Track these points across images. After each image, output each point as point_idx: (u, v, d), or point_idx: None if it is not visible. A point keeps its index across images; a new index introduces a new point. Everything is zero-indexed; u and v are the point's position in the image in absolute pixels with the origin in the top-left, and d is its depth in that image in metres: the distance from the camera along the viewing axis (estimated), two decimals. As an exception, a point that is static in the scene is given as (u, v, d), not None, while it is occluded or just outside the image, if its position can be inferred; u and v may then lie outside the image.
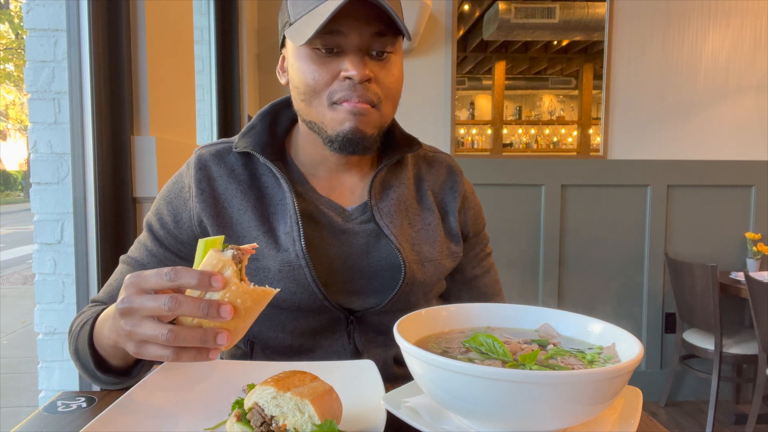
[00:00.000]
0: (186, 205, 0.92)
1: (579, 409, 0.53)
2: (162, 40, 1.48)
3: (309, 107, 0.87)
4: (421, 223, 0.97)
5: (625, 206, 3.24)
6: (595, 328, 0.68)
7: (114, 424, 0.64)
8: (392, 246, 0.91)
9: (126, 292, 0.63)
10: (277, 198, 0.92)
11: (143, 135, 1.39)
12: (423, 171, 1.03)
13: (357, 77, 0.82)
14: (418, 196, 1.00)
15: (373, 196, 0.94)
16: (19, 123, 16.36)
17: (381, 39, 0.84)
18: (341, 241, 0.92)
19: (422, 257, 0.94)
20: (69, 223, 1.32)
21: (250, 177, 0.93)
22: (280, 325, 0.93)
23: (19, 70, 10.81)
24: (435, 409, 0.63)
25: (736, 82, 3.23)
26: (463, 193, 1.03)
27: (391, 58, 0.87)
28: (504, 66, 3.26)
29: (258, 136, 0.94)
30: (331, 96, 0.85)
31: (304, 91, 0.86)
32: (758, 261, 3.13)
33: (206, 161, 0.93)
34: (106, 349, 0.76)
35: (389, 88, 0.88)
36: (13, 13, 8.84)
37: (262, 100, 3.14)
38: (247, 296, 0.61)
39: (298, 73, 0.87)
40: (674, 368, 3.12)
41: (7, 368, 3.91)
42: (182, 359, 0.62)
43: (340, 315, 0.92)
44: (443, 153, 1.08)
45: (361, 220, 0.94)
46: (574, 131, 3.32)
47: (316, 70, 0.85)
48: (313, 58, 0.85)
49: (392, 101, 0.90)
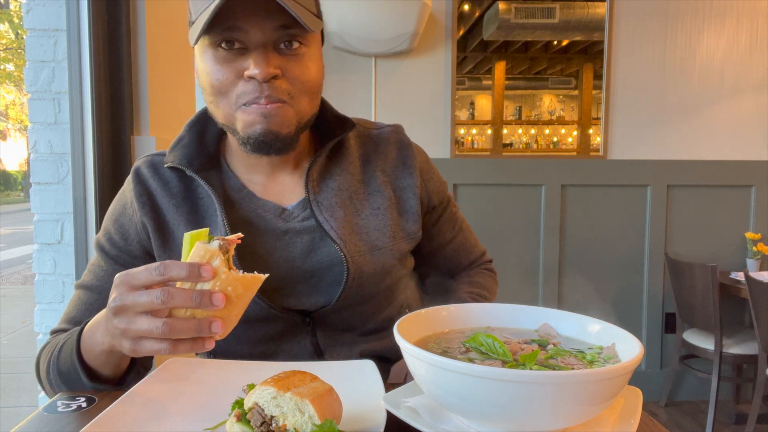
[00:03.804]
0: (131, 220, 0.91)
1: (579, 409, 0.53)
2: (162, 40, 1.48)
3: (217, 108, 0.84)
4: (369, 208, 0.93)
5: (625, 206, 3.24)
6: (595, 328, 0.68)
7: (114, 424, 0.64)
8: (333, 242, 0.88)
9: (117, 291, 0.63)
10: (210, 210, 0.90)
11: (143, 135, 1.39)
12: (369, 151, 0.98)
13: (260, 76, 0.78)
14: (365, 179, 0.95)
15: (311, 189, 0.90)
16: (19, 123, 16.36)
17: (287, 32, 0.79)
18: (284, 243, 0.90)
19: (370, 246, 0.91)
20: (69, 223, 1.32)
21: (184, 189, 0.91)
22: (234, 338, 0.90)
23: (19, 70, 10.81)
24: (435, 409, 0.63)
25: (735, 82, 3.23)
26: (418, 167, 0.98)
27: (303, 51, 0.82)
28: (504, 66, 3.26)
29: (185, 148, 0.91)
30: (239, 99, 0.81)
31: (210, 93, 0.83)
32: (758, 261, 3.13)
33: (143, 175, 0.92)
34: (99, 357, 0.76)
35: (302, 81, 0.82)
36: (13, 13, 8.84)
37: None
38: (238, 283, 0.62)
39: (202, 74, 0.83)
40: (674, 368, 3.12)
41: (7, 368, 3.91)
42: (179, 351, 0.62)
43: (296, 318, 0.91)
44: (389, 126, 1.02)
45: (302, 218, 0.91)
46: (574, 131, 3.32)
47: (219, 69, 0.80)
48: (216, 57, 0.80)
49: (309, 95, 0.85)
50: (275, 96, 0.80)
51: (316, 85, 0.86)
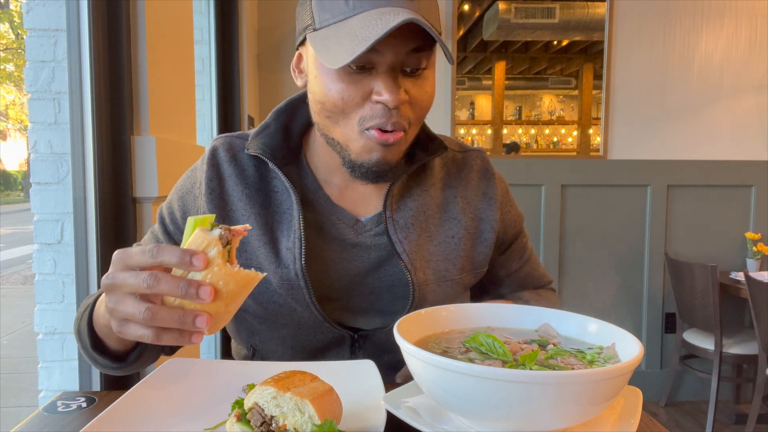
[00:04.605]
0: (195, 202, 0.89)
1: (579, 409, 0.53)
2: (162, 40, 1.48)
3: (335, 126, 0.80)
4: (443, 236, 0.90)
5: (625, 206, 3.24)
6: (594, 328, 0.68)
7: (114, 424, 0.64)
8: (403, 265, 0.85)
9: (112, 268, 0.61)
10: (285, 205, 0.87)
11: (143, 135, 1.39)
12: (452, 176, 0.95)
13: (392, 103, 0.74)
14: (444, 204, 0.92)
15: (389, 206, 0.87)
16: (19, 123, 16.36)
17: (417, 55, 0.76)
18: (351, 256, 0.87)
19: (438, 276, 0.88)
20: (69, 223, 1.32)
21: (259, 179, 0.88)
22: (280, 339, 0.90)
23: (19, 70, 10.81)
24: (435, 409, 0.63)
25: (735, 82, 3.23)
26: (500, 199, 0.96)
27: (425, 74, 0.79)
28: (504, 66, 3.26)
29: (270, 137, 0.88)
30: (363, 122, 0.77)
31: (330, 110, 0.78)
32: (758, 261, 3.13)
33: (219, 158, 0.88)
34: (103, 329, 0.75)
35: (422, 107, 0.80)
36: (14, 12, 8.85)
37: (262, 100, 3.14)
38: (231, 278, 0.58)
39: (322, 88, 0.78)
40: (674, 368, 3.12)
41: (7, 368, 3.91)
42: (163, 341, 0.60)
43: (344, 334, 0.89)
44: (474, 151, 0.99)
45: (375, 233, 0.88)
46: (574, 131, 3.32)
47: (345, 89, 0.76)
48: (340, 74, 0.76)
49: (421, 122, 0.83)
50: (400, 124, 0.77)
51: (429, 110, 0.83)
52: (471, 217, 0.93)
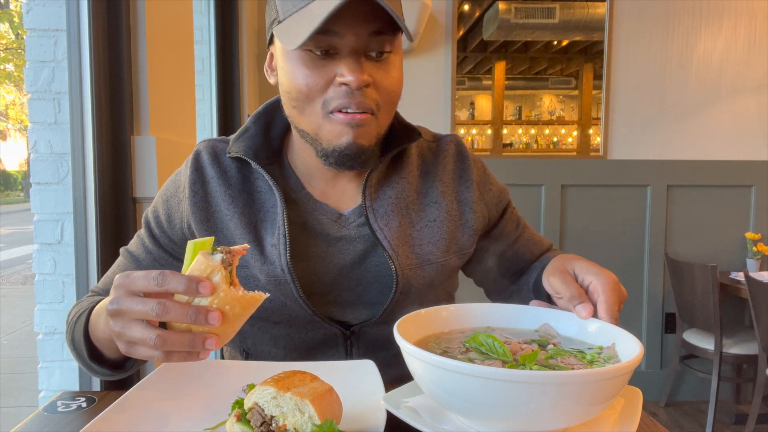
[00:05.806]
0: (179, 206, 0.90)
1: (579, 409, 0.53)
2: (162, 40, 1.48)
3: (301, 115, 0.81)
4: (425, 220, 0.91)
5: (625, 206, 3.24)
6: (594, 328, 0.68)
7: (114, 424, 0.64)
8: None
9: (115, 293, 0.62)
10: (268, 204, 0.88)
11: (143, 135, 1.39)
12: (428, 162, 0.96)
13: (354, 83, 0.76)
14: (422, 189, 0.93)
15: (368, 196, 0.89)
16: (19, 123, 16.35)
17: (379, 38, 0.77)
18: (336, 250, 0.89)
19: (422, 260, 0.89)
20: (69, 223, 1.32)
21: (242, 181, 0.89)
22: (272, 339, 0.91)
23: (19, 70, 10.81)
24: (435, 409, 0.63)
25: (735, 82, 3.23)
26: (476, 180, 0.96)
27: (390, 59, 0.80)
28: (504, 66, 3.26)
29: (252, 139, 0.90)
30: (327, 104, 0.78)
31: (296, 98, 0.80)
32: (758, 261, 3.13)
33: (202, 161, 0.90)
34: (102, 341, 0.76)
35: (389, 92, 0.81)
36: (14, 12, 8.84)
37: (263, 100, 3.14)
38: (236, 302, 0.60)
39: (288, 77, 0.80)
40: (674, 368, 3.12)
41: (7, 368, 3.90)
42: (172, 360, 0.61)
43: (335, 330, 0.89)
44: (447, 136, 1.00)
45: (357, 224, 0.89)
46: (574, 131, 3.32)
47: (309, 74, 0.77)
48: (305, 60, 0.77)
49: (390, 107, 0.84)
50: (365, 104, 0.78)
51: (398, 96, 0.84)
52: (451, 200, 0.94)
